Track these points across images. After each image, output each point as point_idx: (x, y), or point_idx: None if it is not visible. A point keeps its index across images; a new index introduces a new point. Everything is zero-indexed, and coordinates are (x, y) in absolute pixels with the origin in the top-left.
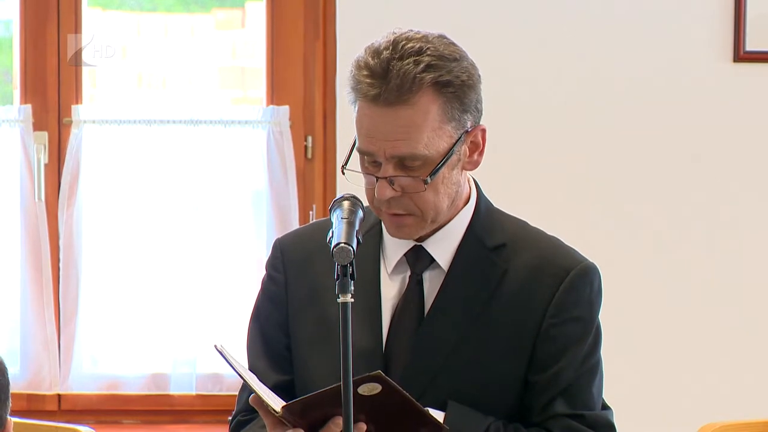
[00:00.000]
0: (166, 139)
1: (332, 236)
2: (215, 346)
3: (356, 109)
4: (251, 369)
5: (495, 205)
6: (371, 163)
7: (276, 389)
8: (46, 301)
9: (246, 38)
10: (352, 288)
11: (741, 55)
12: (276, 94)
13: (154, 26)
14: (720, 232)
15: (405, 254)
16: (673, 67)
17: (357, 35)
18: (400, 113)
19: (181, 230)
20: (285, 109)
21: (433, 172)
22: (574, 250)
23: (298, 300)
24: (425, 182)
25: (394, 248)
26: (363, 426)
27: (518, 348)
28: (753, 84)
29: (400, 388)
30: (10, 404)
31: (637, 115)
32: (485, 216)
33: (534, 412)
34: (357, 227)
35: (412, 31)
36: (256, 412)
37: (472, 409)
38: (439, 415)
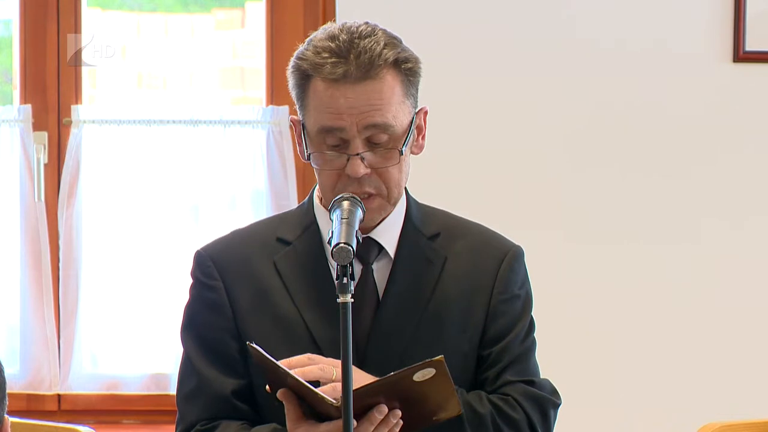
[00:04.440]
0: (166, 139)
1: (332, 236)
2: (249, 345)
3: (309, 91)
4: (201, 381)
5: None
6: (334, 146)
7: (236, 394)
8: (46, 301)
9: (246, 38)
10: (352, 288)
11: (741, 55)
12: (276, 94)
13: (154, 26)
14: (720, 232)
15: None
16: (673, 67)
17: None
18: (369, 87)
19: (181, 230)
20: (285, 109)
21: (404, 144)
22: (500, 234)
23: (244, 303)
24: (400, 153)
25: None
26: (398, 412)
27: (470, 327)
28: (753, 84)
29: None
30: (7, 403)
31: (636, 115)
32: (416, 208)
33: (487, 383)
34: (356, 227)
35: (342, 21)
36: (215, 420)
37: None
38: None
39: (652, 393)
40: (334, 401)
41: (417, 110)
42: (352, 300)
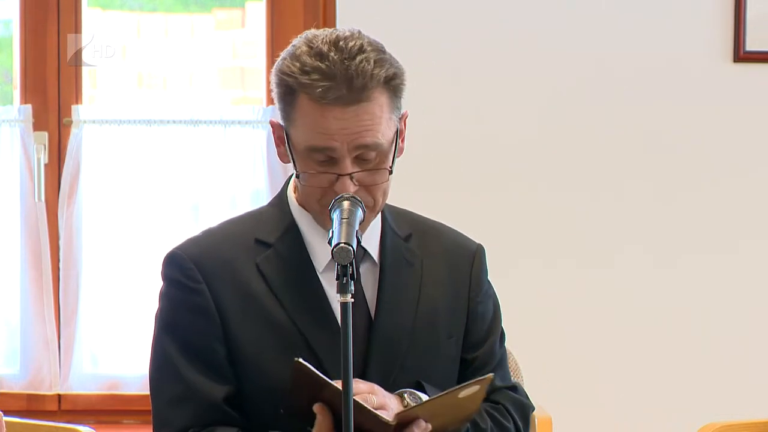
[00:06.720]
0: (166, 139)
1: (332, 236)
2: (297, 360)
3: (296, 106)
4: (189, 387)
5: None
6: (322, 163)
7: (226, 401)
8: (46, 301)
9: (246, 38)
10: (353, 288)
11: (741, 55)
12: None
13: (154, 26)
14: (720, 232)
15: None
16: (673, 67)
17: None
18: (360, 109)
19: (181, 230)
20: None
21: (393, 161)
22: (461, 232)
23: (232, 307)
24: (390, 172)
25: (322, 247)
26: (429, 426)
27: (455, 331)
28: (753, 84)
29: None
30: None
31: (636, 115)
32: (387, 209)
33: None
34: (356, 227)
35: (327, 30)
36: (207, 427)
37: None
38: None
39: (653, 393)
40: (390, 420)
41: (400, 117)
42: (352, 300)
